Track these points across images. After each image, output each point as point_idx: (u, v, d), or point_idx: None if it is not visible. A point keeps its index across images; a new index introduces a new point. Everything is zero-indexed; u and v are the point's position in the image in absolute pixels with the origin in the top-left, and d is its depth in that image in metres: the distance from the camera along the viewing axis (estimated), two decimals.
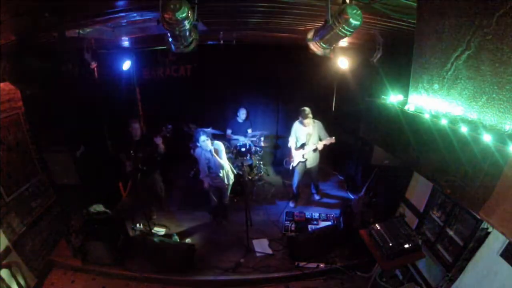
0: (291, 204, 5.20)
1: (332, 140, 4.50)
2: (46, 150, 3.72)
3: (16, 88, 3.47)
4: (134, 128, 4.08)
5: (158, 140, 3.92)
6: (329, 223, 4.53)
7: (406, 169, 3.86)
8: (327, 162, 5.54)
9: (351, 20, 1.81)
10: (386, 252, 3.14)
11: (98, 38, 3.73)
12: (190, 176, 6.11)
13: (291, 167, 4.97)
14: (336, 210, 4.93)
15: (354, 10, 1.80)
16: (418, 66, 1.70)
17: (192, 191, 5.57)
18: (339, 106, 6.12)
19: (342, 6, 1.84)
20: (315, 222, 4.62)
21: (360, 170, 5.42)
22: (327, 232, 4.09)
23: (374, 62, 4.43)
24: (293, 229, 4.43)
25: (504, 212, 1.03)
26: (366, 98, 2.15)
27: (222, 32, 4.03)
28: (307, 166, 4.82)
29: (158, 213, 4.82)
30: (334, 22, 1.90)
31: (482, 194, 1.11)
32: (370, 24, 2.93)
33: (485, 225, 2.70)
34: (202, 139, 3.83)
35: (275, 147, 6.65)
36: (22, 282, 3.14)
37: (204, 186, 4.29)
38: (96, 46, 4.02)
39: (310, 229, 4.43)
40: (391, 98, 1.93)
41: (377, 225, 3.40)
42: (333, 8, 1.99)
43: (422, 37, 1.65)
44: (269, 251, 4.10)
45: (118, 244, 3.83)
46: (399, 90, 2.07)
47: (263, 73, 5.94)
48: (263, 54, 5.61)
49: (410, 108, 1.76)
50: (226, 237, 4.39)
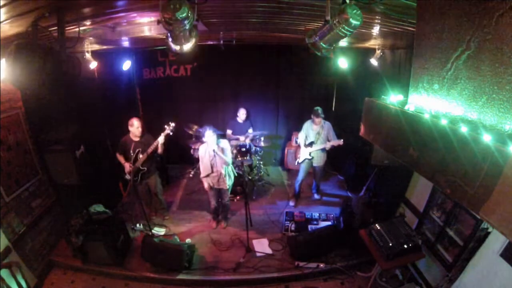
0: (291, 203, 5.21)
1: (340, 142, 4.60)
2: (46, 150, 3.72)
3: (16, 88, 3.47)
4: (134, 127, 4.00)
5: (161, 138, 3.89)
6: (329, 223, 4.53)
7: (406, 169, 3.87)
8: (327, 162, 5.55)
9: (351, 20, 1.81)
10: (386, 252, 3.14)
11: (98, 38, 3.74)
12: (190, 176, 6.13)
13: (297, 164, 5.11)
14: (336, 210, 4.93)
15: (354, 10, 1.80)
16: (418, 66, 1.70)
17: (192, 191, 5.58)
18: (339, 106, 6.13)
19: (342, 6, 1.84)
20: (315, 222, 4.62)
21: (360, 170, 5.43)
22: (327, 232, 4.09)
23: (374, 62, 4.44)
24: (293, 229, 4.43)
25: (504, 212, 1.03)
26: (366, 98, 2.15)
27: (222, 32, 4.04)
28: (313, 164, 4.95)
29: (158, 213, 4.82)
30: (334, 22, 1.90)
31: (482, 194, 1.11)
32: (370, 24, 2.93)
33: (485, 225, 2.70)
34: (209, 134, 3.78)
35: (275, 147, 6.65)
36: (22, 282, 3.14)
37: (204, 187, 4.25)
38: (96, 46, 4.03)
39: (310, 229, 4.43)
40: (391, 98, 1.93)
41: (377, 225, 3.40)
42: (333, 8, 1.99)
43: (422, 37, 1.65)
44: (269, 251, 4.10)
45: (118, 244, 3.83)
46: (399, 90, 2.07)
47: (263, 73, 5.95)
48: (263, 54, 5.61)
49: (410, 108, 1.76)
50: (226, 237, 4.39)
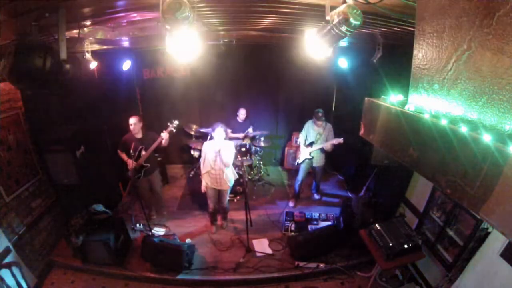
0: (291, 203, 5.21)
1: (340, 140, 4.61)
2: (46, 150, 3.72)
3: (16, 88, 3.47)
4: (135, 125, 4.04)
5: (165, 135, 4.00)
6: (329, 223, 4.53)
7: (406, 169, 3.86)
8: (327, 162, 5.56)
9: (351, 20, 1.81)
10: (386, 252, 3.14)
11: (98, 38, 3.74)
12: (190, 176, 6.13)
13: (297, 163, 5.14)
14: (336, 210, 4.93)
15: (354, 10, 1.80)
16: (418, 66, 1.70)
17: (192, 191, 5.58)
18: (339, 106, 6.12)
19: (342, 6, 1.84)
20: (315, 222, 4.62)
21: (360, 170, 5.43)
22: (327, 232, 4.09)
23: (374, 62, 4.44)
24: (293, 229, 4.43)
25: (504, 212, 1.03)
26: (366, 98, 2.15)
27: (222, 32, 4.04)
28: (313, 164, 4.96)
29: (158, 212, 4.82)
30: (334, 22, 1.90)
31: (482, 194, 1.11)
32: (370, 24, 2.93)
33: (485, 225, 2.70)
34: (219, 131, 3.74)
35: (275, 147, 6.65)
36: (22, 282, 3.14)
37: (201, 188, 4.12)
38: (96, 46, 4.02)
39: (310, 229, 4.43)
40: (391, 98, 1.93)
41: (377, 225, 3.40)
42: (333, 8, 1.99)
43: (422, 37, 1.64)
44: (269, 251, 4.10)
45: (118, 244, 3.83)
46: (399, 90, 2.07)
47: (263, 73, 5.94)
48: (263, 54, 5.61)
49: (410, 108, 1.75)
50: (226, 237, 4.39)
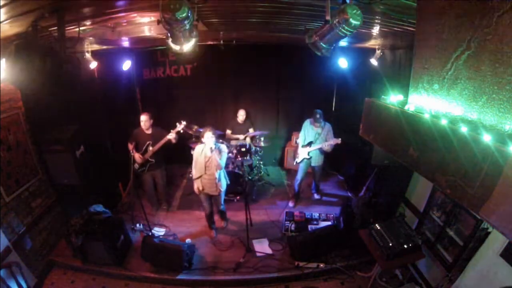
0: (290, 204, 5.21)
1: (338, 141, 4.61)
2: (46, 150, 3.72)
3: (16, 88, 3.47)
4: (146, 121, 4.26)
5: (172, 135, 4.23)
6: (329, 223, 4.52)
7: (406, 169, 3.86)
8: (327, 162, 5.56)
9: (351, 20, 1.81)
10: (386, 252, 3.14)
11: (98, 38, 3.74)
12: (190, 176, 6.12)
13: (295, 163, 5.13)
14: (336, 210, 4.93)
15: (354, 10, 1.80)
16: (418, 66, 1.70)
17: (192, 191, 5.56)
18: (339, 106, 6.12)
19: (342, 6, 1.84)
20: (315, 222, 4.61)
21: (360, 170, 5.43)
22: (327, 232, 4.09)
23: (374, 62, 4.44)
24: (293, 229, 4.43)
25: (504, 212, 1.03)
26: (366, 98, 2.15)
27: (222, 32, 4.04)
28: (312, 164, 4.96)
29: (158, 212, 4.83)
30: (334, 22, 1.90)
31: (482, 194, 1.11)
32: (370, 24, 2.93)
33: (485, 225, 2.70)
34: (208, 135, 3.71)
35: (275, 147, 6.64)
36: (22, 282, 3.14)
37: (194, 189, 4.07)
38: (96, 46, 4.03)
39: (310, 229, 4.43)
40: (391, 98, 1.93)
41: (377, 225, 3.40)
42: (333, 8, 1.99)
43: (422, 37, 1.65)
44: (269, 251, 4.10)
45: (118, 244, 3.83)
46: (399, 90, 2.07)
47: (263, 73, 5.94)
48: (263, 54, 5.61)
49: (410, 108, 1.76)
50: (226, 237, 4.39)
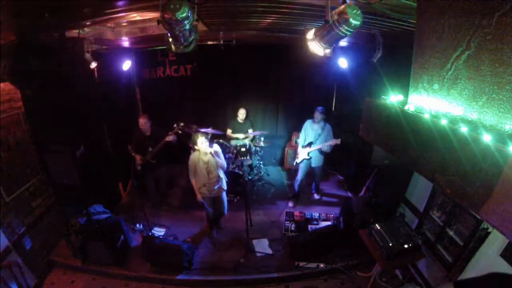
0: (290, 204, 5.21)
1: (337, 141, 4.62)
2: (46, 150, 3.72)
3: (16, 88, 3.47)
4: (145, 124, 4.28)
5: (170, 137, 4.24)
6: (329, 223, 4.53)
7: (406, 169, 3.86)
8: (327, 162, 5.57)
9: (351, 20, 1.81)
10: (386, 252, 3.14)
11: (98, 38, 3.74)
12: None
13: (295, 163, 5.14)
14: (336, 210, 4.93)
15: (354, 10, 1.80)
16: (418, 66, 1.70)
17: (192, 191, 5.56)
18: (339, 106, 6.12)
19: (342, 6, 1.83)
20: (315, 222, 4.62)
21: (360, 170, 5.42)
22: (327, 232, 4.09)
23: (374, 62, 4.43)
24: (293, 229, 4.43)
25: (504, 212, 1.03)
26: (366, 98, 2.15)
27: (222, 32, 4.03)
28: (312, 164, 4.97)
29: (158, 212, 4.83)
30: (334, 22, 1.90)
31: (482, 194, 1.11)
32: (370, 24, 2.93)
33: (485, 225, 2.70)
34: (201, 141, 3.56)
35: (275, 147, 6.64)
36: (22, 282, 3.14)
37: (197, 198, 3.94)
38: (96, 46, 4.02)
39: (310, 229, 4.43)
40: (391, 98, 1.93)
41: (377, 225, 3.40)
42: (333, 8, 1.99)
43: (422, 37, 1.64)
44: (269, 251, 4.10)
45: (118, 244, 3.83)
46: (399, 90, 2.07)
47: (263, 73, 5.94)
48: (263, 54, 5.61)
49: (410, 108, 1.75)
50: (226, 237, 4.39)
